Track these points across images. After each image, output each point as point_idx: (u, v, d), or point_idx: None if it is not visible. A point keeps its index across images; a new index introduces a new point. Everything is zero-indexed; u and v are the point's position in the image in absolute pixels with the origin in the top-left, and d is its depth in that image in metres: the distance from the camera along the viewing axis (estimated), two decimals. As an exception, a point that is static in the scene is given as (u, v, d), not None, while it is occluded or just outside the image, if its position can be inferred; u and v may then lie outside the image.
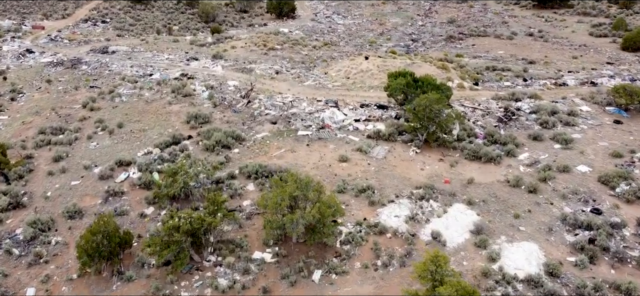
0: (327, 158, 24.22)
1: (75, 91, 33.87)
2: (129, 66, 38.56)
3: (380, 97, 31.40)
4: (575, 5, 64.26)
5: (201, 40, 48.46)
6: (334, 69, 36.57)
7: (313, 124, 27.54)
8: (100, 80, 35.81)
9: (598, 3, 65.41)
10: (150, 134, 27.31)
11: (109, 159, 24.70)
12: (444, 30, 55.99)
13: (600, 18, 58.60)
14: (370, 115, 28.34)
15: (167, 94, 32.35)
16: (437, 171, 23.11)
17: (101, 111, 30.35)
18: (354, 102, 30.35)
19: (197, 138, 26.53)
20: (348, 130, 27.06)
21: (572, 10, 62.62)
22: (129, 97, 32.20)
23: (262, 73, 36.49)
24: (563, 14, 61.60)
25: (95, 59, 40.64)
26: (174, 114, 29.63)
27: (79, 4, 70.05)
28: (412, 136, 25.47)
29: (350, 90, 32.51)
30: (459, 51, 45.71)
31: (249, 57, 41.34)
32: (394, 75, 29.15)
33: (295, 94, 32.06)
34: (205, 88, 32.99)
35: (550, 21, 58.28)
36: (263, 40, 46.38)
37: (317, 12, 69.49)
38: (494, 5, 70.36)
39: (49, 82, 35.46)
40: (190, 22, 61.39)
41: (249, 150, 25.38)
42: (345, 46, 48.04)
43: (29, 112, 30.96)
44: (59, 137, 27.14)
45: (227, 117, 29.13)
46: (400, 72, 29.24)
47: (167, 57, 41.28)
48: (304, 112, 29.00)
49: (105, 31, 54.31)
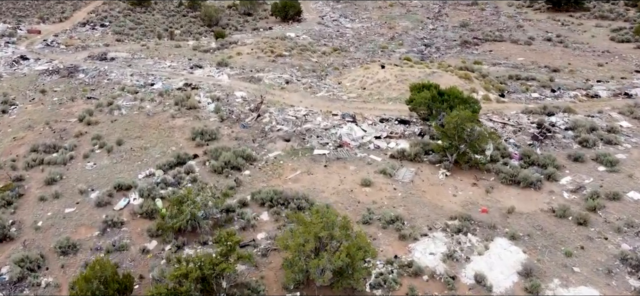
0: (347, 182, 21.91)
1: (72, 103, 31.53)
2: (129, 74, 36.24)
3: (401, 110, 29.11)
4: (592, 9, 62.03)
5: (205, 46, 46.14)
6: (348, 79, 34.27)
7: (330, 142, 25.23)
8: (98, 91, 33.48)
9: (615, 6, 63.16)
10: (152, 152, 24.99)
11: (107, 182, 22.38)
12: (457, 35, 53.70)
13: (619, 22, 56.31)
14: (391, 132, 26.04)
15: (170, 106, 30.04)
16: (471, 198, 20.80)
17: (99, 125, 28.03)
18: (372, 116, 28.04)
19: (203, 158, 24.21)
20: (368, 148, 24.76)
21: (589, 13, 60.36)
22: (129, 110, 29.88)
23: (271, 83, 34.18)
24: (580, 17, 59.31)
25: (93, 66, 38.32)
26: (178, 129, 27.31)
27: (77, 6, 67.76)
28: (441, 156, 23.16)
29: (367, 103, 30.20)
30: (477, 58, 43.44)
31: (256, 64, 39.03)
32: (417, 87, 26.87)
33: (308, 107, 29.75)
34: (211, 100, 30.68)
35: (567, 25, 56.01)
36: (270, 46, 44.09)
37: (324, 15, 67.23)
38: (506, 8, 68.11)
39: (43, 93, 33.13)
40: (193, 25, 59.08)
41: (261, 171, 23.06)
42: (355, 52, 45.76)
43: (21, 126, 28.62)
44: (53, 156, 24.81)
45: (236, 132, 26.81)
46: (423, 84, 26.94)
47: (170, 65, 38.97)
48: (319, 128, 26.69)
49: (104, 35, 52.00)
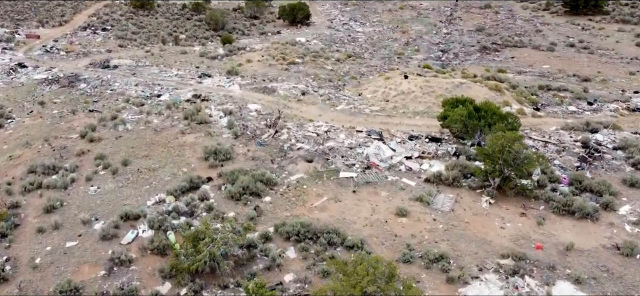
0: (381, 211, 19.67)
1: (73, 116, 29.28)
2: (134, 84, 33.99)
3: (429, 125, 26.89)
4: (612, 12, 59.83)
5: (212, 52, 43.90)
6: (369, 89, 32.03)
7: (356, 162, 22.99)
8: (101, 102, 31.22)
9: (635, 9, 60.94)
10: (161, 174, 22.72)
11: (112, 210, 20.12)
12: (475, 40, 51.47)
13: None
14: (423, 151, 23.78)
15: (179, 121, 27.80)
16: (522, 231, 18.55)
17: (102, 143, 25.77)
18: (400, 133, 25.79)
19: (218, 182, 21.96)
20: (400, 170, 22.51)
21: (609, 17, 58.15)
22: (135, 125, 27.63)
23: (286, 94, 31.93)
24: (600, 21, 57.08)
25: (96, 75, 36.07)
26: (189, 147, 25.06)
27: (77, 9, 65.52)
28: (482, 181, 20.92)
29: (392, 117, 27.96)
30: (499, 65, 41.19)
31: (268, 73, 36.79)
32: (450, 102, 24.66)
33: (329, 122, 27.51)
34: (223, 113, 28.43)
35: (588, 29, 53.79)
36: (281, 52, 41.86)
37: (333, 18, 65.00)
38: (521, 11, 65.91)
39: (42, 105, 30.87)
40: (198, 29, 56.82)
41: (282, 198, 20.80)
42: (371, 59, 43.52)
43: (18, 143, 26.37)
44: (52, 178, 22.55)
45: (252, 151, 24.56)
46: (457, 99, 24.73)
47: (176, 74, 36.72)
48: (344, 146, 24.45)
49: (105, 40, 49.74)
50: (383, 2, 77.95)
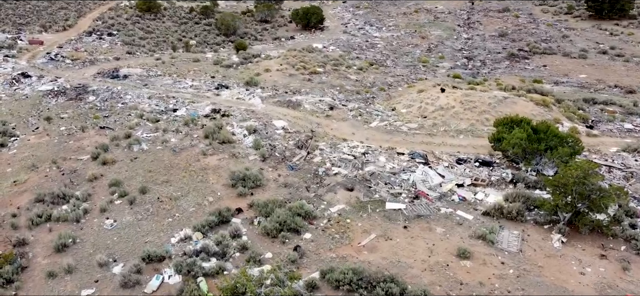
0: (439, 252, 17.24)
1: (82, 134, 26.84)
2: (147, 97, 31.55)
3: (475, 146, 24.48)
4: (638, 17, 57.45)
5: (226, 60, 41.50)
6: (402, 103, 29.61)
7: (402, 191, 20.57)
8: (112, 117, 28.78)
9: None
10: (184, 205, 20.28)
11: (132, 249, 17.71)
12: (500, 46, 49.08)
13: (673, 32, 51.75)
14: (475, 178, 21.33)
15: (199, 140, 25.38)
16: (605, 277, 16.13)
17: (116, 166, 23.32)
18: (446, 156, 23.35)
19: (249, 214, 19.53)
20: (452, 200, 20.09)
21: (637, 22, 55.72)
22: (151, 144, 25.19)
23: (313, 108, 29.50)
24: (627, 26, 54.67)
25: (105, 86, 33.62)
26: (212, 171, 22.63)
27: (81, 12, 63.14)
28: (549, 214, 18.49)
29: (432, 136, 25.53)
30: (531, 74, 38.80)
31: (289, 84, 34.36)
32: (504, 123, 22.22)
33: (364, 141, 25.09)
34: (247, 131, 25.99)
35: (616, 35, 51.39)
36: (300, 60, 39.42)
37: (347, 22, 62.62)
38: (541, 15, 63.53)
39: (48, 120, 28.42)
40: (208, 34, 54.44)
41: (324, 234, 18.36)
42: (394, 67, 41.11)
43: (23, 165, 23.92)
44: (63, 209, 20.13)
45: (283, 177, 22.12)
46: (512, 118, 22.31)
47: (191, 84, 34.29)
48: (386, 171, 22.02)
49: (112, 46, 47.32)
50: (396, 5, 75.60)
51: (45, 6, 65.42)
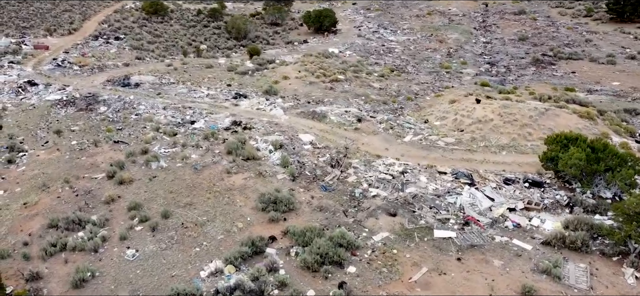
0: (501, 289, 15.49)
1: (95, 148, 25.06)
2: (162, 108, 29.77)
3: (521, 164, 22.72)
4: (661, 19, 55.77)
5: (240, 66, 39.77)
6: (434, 115, 27.84)
7: (450, 215, 18.82)
8: (126, 130, 27.01)
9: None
10: (211, 231, 18.52)
11: (158, 285, 15.96)
12: (521, 50, 47.35)
13: (699, 35, 50.02)
14: (528, 201, 19.56)
15: (222, 156, 23.63)
16: (693, 320, 14.36)
17: (134, 186, 21.56)
18: (491, 175, 21.58)
19: (284, 243, 17.77)
20: (506, 227, 18.33)
21: (660, 25, 54.04)
22: (170, 161, 23.42)
23: (340, 120, 27.73)
24: (651, 29, 53.00)
25: (116, 95, 31.83)
26: (239, 192, 20.86)
27: (86, 15, 61.37)
28: (617, 244, 16.73)
29: (473, 152, 23.77)
30: (561, 81, 37.04)
31: (310, 92, 32.59)
32: (557, 140, 20.45)
33: (400, 158, 23.33)
34: (273, 147, 24.22)
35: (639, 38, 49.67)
36: (319, 67, 37.66)
37: (359, 25, 60.86)
38: (559, 17, 61.77)
39: (58, 134, 26.64)
40: (219, 38, 52.70)
41: (370, 267, 16.60)
42: (417, 74, 39.35)
43: (33, 184, 22.14)
44: (79, 236, 18.38)
45: (317, 199, 20.35)
46: (567, 135, 20.54)
47: (207, 93, 32.52)
48: (429, 193, 20.25)
49: (120, 51, 45.56)
50: (408, 7, 73.88)
51: (49, 8, 63.67)
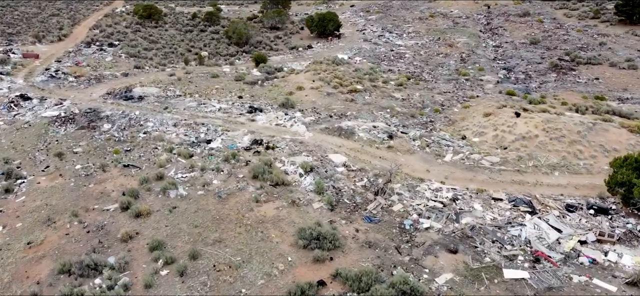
0: (596, 344, 13.43)
1: (103, 174, 22.51)
2: (172, 124, 27.28)
3: (577, 186, 20.81)
4: (671, 21, 54.69)
5: (247, 74, 37.42)
6: (471, 130, 25.83)
7: (517, 251, 16.75)
8: (135, 152, 24.49)
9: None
10: (249, 275, 16.20)
11: (197, 347, 13.57)
12: (537, 55, 45.69)
13: None
14: (600, 232, 17.58)
15: (247, 181, 21.29)
16: None
17: (153, 219, 19.12)
18: (550, 200, 19.58)
19: (336, 288, 15.53)
20: (581, 264, 16.34)
21: (671, 27, 52.91)
22: (189, 188, 21.01)
23: (369, 137, 25.55)
24: (663, 31, 51.84)
25: (120, 110, 29.23)
26: (272, 225, 18.56)
27: (75, 20, 58.39)
28: None
29: (522, 173, 21.77)
30: (587, 89, 35.35)
31: (331, 105, 30.36)
32: (626, 163, 18.53)
33: (445, 181, 21.22)
34: (303, 170, 21.93)
35: (655, 42, 48.35)
36: (334, 76, 35.44)
37: (362, 29, 58.76)
38: (566, 20, 60.39)
39: (60, 157, 24.02)
40: (219, 44, 50.16)
41: (440, 318, 14.42)
42: (435, 81, 37.36)
43: (37, 219, 19.56)
44: (96, 284, 15.96)
45: (363, 233, 18.15)
46: (636, 158, 18.61)
47: (219, 107, 30.07)
48: (487, 224, 18.17)
49: (116, 59, 42.84)
50: (409, 9, 72.09)
51: (35, 13, 60.51)
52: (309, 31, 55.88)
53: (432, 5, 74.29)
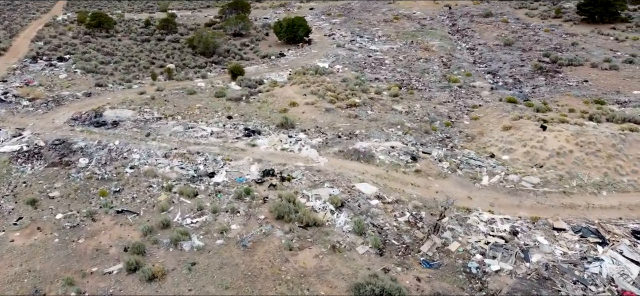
0: None
1: (92, 223, 18.77)
2: (161, 155, 23.69)
3: (631, 206, 19.40)
4: (630, 19, 56.13)
5: (226, 89, 34.13)
6: (496, 147, 24.01)
7: (605, 292, 14.89)
8: (126, 192, 20.79)
9: (651, 15, 57.95)
10: (310, 350, 13.33)
11: None
12: (515, 57, 45.10)
13: (675, 34, 50.44)
14: (682, 263, 16.09)
15: (270, 223, 18.37)
16: None
17: (171, 280, 15.81)
18: (613, 227, 17.95)
19: None
20: (676, 303, 14.68)
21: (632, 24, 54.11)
22: (205, 236, 17.78)
23: (392, 160, 23.14)
24: (625, 30, 52.96)
25: (95, 140, 25.21)
26: (317, 279, 15.77)
27: (13, 31, 52.33)
28: None
29: (569, 195, 20.13)
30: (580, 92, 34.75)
31: (334, 123, 27.73)
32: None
33: (492, 209, 19.17)
34: (332, 205, 19.20)
35: (621, 40, 49.17)
36: (324, 87, 32.81)
37: (330, 34, 56.45)
38: (529, 20, 60.85)
39: (33, 205, 19.94)
40: (183, 54, 46.16)
41: None
42: (427, 89, 35.55)
43: (19, 290, 15.66)
44: None
45: (425, 281, 15.72)
46: None
47: (211, 130, 26.67)
48: (560, 260, 16.23)
49: (72, 76, 38.14)
50: (371, 11, 70.60)
51: (-36, 24, 53.75)
52: (276, 37, 52.90)
53: (393, 7, 73.25)
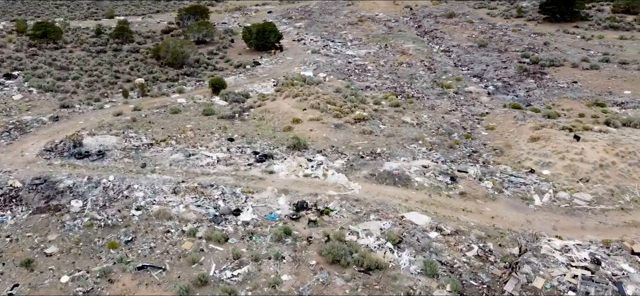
0: None
1: (110, 285, 15.55)
2: (169, 190, 20.49)
3: (694, 221, 18.53)
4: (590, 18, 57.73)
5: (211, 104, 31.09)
6: (532, 161, 22.73)
7: None
8: (139, 240, 17.56)
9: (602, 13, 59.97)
10: None
11: None
12: (495, 59, 44.76)
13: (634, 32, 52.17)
14: None
15: (325, 268, 15.91)
16: None
17: (232, 358, 12.99)
18: (691, 247, 16.98)
19: None
20: None
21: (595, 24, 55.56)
22: (253, 292, 15.07)
23: (430, 182, 21.23)
24: (588, 28, 54.32)
25: (83, 176, 21.51)
26: (404, 337, 13.53)
27: (-58, 45, 45.90)
28: None
29: (628, 212, 19.09)
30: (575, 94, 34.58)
31: (348, 140, 25.50)
32: None
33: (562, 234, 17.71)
34: (390, 242, 17.02)
35: (588, 39, 50.24)
36: (326, 100, 30.51)
37: (299, 39, 54.04)
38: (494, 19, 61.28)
39: (28, 266, 16.32)
40: (148, 67, 42.16)
41: None
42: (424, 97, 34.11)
43: None
44: None
45: (525, 329, 13.90)
46: None
47: (218, 157, 23.64)
48: (656, 293, 14.95)
49: (27, 96, 33.51)
50: (332, 14, 68.82)
51: None
52: (243, 44, 49.84)
53: (353, 8, 71.81)
